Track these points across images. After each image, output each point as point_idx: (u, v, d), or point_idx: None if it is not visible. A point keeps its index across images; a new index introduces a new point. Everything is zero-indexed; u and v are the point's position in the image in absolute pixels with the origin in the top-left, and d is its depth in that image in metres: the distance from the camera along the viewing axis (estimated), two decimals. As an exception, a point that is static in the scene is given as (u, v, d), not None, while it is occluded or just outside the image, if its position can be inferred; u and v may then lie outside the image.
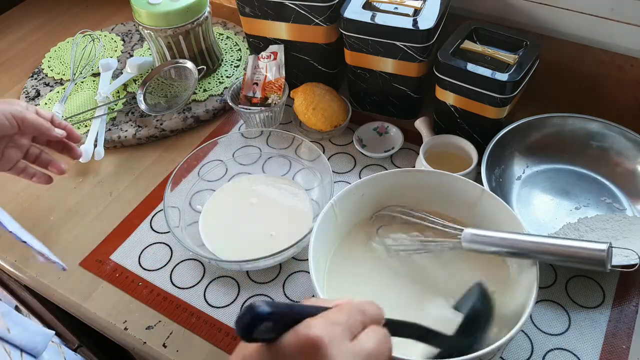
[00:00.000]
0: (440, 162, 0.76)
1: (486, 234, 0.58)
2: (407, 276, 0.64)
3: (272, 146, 0.82)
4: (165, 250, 0.75)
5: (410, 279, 0.64)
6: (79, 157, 0.78)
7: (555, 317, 0.64)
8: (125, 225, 0.78)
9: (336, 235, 0.66)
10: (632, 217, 0.71)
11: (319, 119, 0.84)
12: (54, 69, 1.04)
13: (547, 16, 0.82)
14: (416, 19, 0.77)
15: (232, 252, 0.71)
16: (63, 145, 0.75)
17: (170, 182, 0.73)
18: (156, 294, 0.70)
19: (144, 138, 0.90)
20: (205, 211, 0.77)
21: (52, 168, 0.75)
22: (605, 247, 0.52)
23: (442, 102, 0.79)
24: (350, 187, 0.64)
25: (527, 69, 0.73)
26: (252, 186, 0.80)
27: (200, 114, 0.92)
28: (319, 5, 0.80)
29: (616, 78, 0.81)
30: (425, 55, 0.78)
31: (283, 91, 0.87)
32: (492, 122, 0.76)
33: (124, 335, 0.67)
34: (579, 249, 0.53)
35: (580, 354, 0.61)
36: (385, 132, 0.86)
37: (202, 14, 0.92)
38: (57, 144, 0.75)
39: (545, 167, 0.79)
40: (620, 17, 0.77)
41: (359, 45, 0.80)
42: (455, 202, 0.66)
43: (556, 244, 0.54)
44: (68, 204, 0.82)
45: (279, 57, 0.88)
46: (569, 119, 0.78)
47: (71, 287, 0.72)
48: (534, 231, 0.71)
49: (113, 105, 0.94)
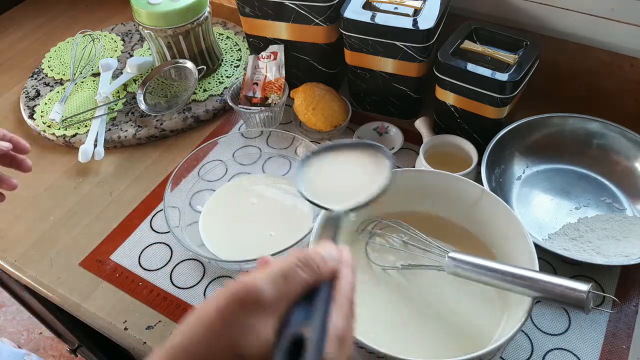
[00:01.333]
0: (440, 162, 0.76)
1: (467, 261, 0.56)
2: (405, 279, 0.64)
3: (272, 146, 0.82)
4: (165, 250, 0.75)
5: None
6: (29, 170, 0.70)
7: (555, 317, 0.64)
8: (125, 225, 0.78)
9: (336, 235, 0.66)
10: (632, 217, 0.71)
11: (319, 119, 0.84)
12: (54, 69, 1.04)
13: (547, 16, 0.82)
14: (416, 19, 0.77)
15: (232, 252, 0.71)
16: (11, 158, 0.68)
17: (170, 182, 0.73)
18: (156, 294, 0.70)
19: (144, 138, 0.90)
20: (205, 211, 0.77)
21: (1, 184, 0.67)
22: (586, 288, 0.49)
23: (442, 102, 0.79)
24: (350, 187, 0.64)
25: (527, 69, 0.73)
26: (252, 186, 0.80)
27: (200, 114, 0.92)
28: (319, 5, 0.80)
29: (616, 78, 0.81)
30: (425, 55, 0.78)
31: (283, 91, 0.87)
32: (492, 122, 0.76)
33: (124, 335, 0.67)
34: (557, 287, 0.50)
35: (580, 354, 0.61)
36: (385, 132, 0.86)
37: (202, 14, 0.92)
38: (3, 157, 0.67)
39: (545, 167, 0.79)
40: (620, 17, 0.77)
41: (359, 45, 0.80)
42: (455, 202, 0.66)
43: (536, 278, 0.52)
44: (68, 204, 0.82)
45: (279, 57, 0.88)
46: (569, 119, 0.78)
47: (71, 287, 0.72)
48: (534, 231, 0.71)
49: (113, 105, 0.94)
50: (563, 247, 0.68)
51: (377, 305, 0.62)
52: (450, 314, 0.61)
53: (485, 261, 0.56)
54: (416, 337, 0.59)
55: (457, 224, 0.68)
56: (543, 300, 0.52)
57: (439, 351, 0.58)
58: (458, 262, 0.57)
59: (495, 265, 0.55)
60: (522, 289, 0.53)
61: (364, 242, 0.68)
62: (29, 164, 0.70)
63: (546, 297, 0.52)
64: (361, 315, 0.61)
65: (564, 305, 0.51)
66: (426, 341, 0.59)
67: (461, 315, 0.61)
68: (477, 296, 0.62)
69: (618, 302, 0.65)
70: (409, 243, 0.66)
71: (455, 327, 0.60)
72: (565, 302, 0.51)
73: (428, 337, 0.59)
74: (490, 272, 0.55)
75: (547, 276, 0.52)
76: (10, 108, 1.00)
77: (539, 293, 0.52)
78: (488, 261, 0.56)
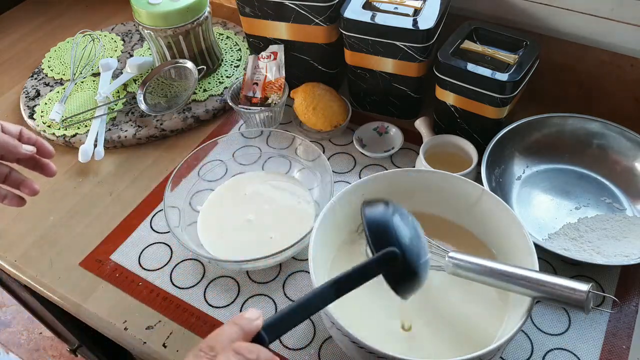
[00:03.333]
0: (440, 162, 0.76)
1: (468, 260, 0.56)
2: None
3: (272, 146, 0.82)
4: (165, 250, 0.75)
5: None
6: (53, 174, 0.68)
7: (555, 317, 0.64)
8: (125, 225, 0.78)
9: (337, 235, 0.67)
10: (632, 217, 0.71)
11: (319, 119, 0.84)
12: (54, 69, 1.04)
13: (547, 16, 0.82)
14: (416, 19, 0.77)
15: (232, 252, 0.71)
16: (35, 161, 0.66)
17: (170, 182, 0.73)
18: (156, 294, 0.70)
19: (144, 138, 0.90)
20: (204, 211, 0.77)
21: (23, 188, 0.65)
22: (586, 288, 0.50)
23: (442, 102, 0.79)
24: (350, 187, 0.64)
25: (527, 69, 0.73)
26: (252, 185, 0.80)
27: (200, 114, 0.92)
28: (319, 5, 0.80)
29: (616, 78, 0.81)
30: (425, 55, 0.78)
31: (283, 91, 0.87)
32: (492, 122, 0.76)
33: (124, 335, 0.67)
34: (557, 287, 0.51)
35: (580, 354, 0.61)
36: (385, 132, 0.86)
37: (202, 14, 0.92)
38: (28, 161, 0.66)
39: (545, 167, 0.79)
40: (620, 17, 0.77)
41: (359, 45, 0.80)
42: (455, 202, 0.66)
43: (536, 278, 0.52)
44: (68, 204, 0.82)
45: (279, 57, 0.88)
46: (569, 119, 0.78)
47: (71, 287, 0.72)
48: (534, 231, 0.71)
49: (113, 105, 0.94)
50: (563, 247, 0.68)
51: (377, 306, 0.62)
52: (450, 314, 0.61)
53: (486, 261, 0.56)
54: (416, 337, 0.59)
55: (457, 224, 0.68)
56: (543, 300, 0.52)
57: (439, 351, 0.58)
58: (458, 262, 0.57)
59: (495, 265, 0.55)
60: (522, 289, 0.53)
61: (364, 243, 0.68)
62: (53, 169, 0.68)
63: (546, 297, 0.52)
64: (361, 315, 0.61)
65: (564, 305, 0.51)
66: (426, 341, 0.59)
67: (461, 316, 0.61)
68: (477, 296, 0.62)
69: (618, 302, 0.65)
70: None
71: (455, 327, 0.60)
72: (565, 303, 0.51)
73: (428, 338, 0.59)
74: (491, 272, 0.55)
75: (548, 276, 0.52)
76: (10, 108, 1.00)
77: (539, 293, 0.52)
78: (488, 261, 0.56)
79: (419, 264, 0.48)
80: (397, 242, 0.47)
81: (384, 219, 0.48)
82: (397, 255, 0.46)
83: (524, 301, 0.54)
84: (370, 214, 0.49)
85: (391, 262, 0.46)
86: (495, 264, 0.55)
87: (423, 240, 0.50)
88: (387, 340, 0.58)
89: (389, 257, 0.46)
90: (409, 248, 0.47)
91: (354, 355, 0.55)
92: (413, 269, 0.47)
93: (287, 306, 0.44)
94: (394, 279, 0.48)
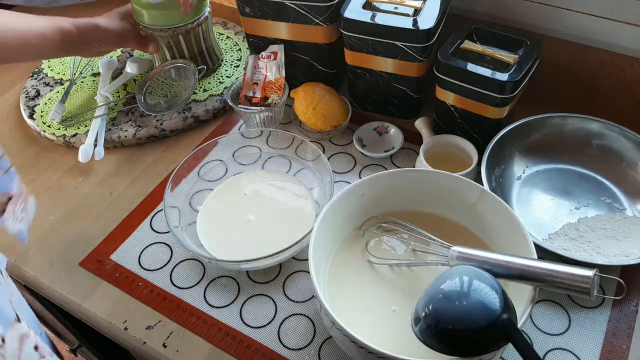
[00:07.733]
0: (440, 162, 0.76)
1: (471, 254, 0.57)
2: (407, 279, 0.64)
3: (272, 146, 0.82)
4: (165, 250, 0.75)
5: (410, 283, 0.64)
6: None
7: (555, 317, 0.64)
8: (125, 225, 0.78)
9: (337, 235, 0.67)
10: (632, 217, 0.71)
11: (319, 119, 0.84)
12: (54, 68, 1.04)
13: (547, 16, 0.82)
14: (416, 19, 0.77)
15: (232, 252, 0.71)
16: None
17: (170, 182, 0.73)
18: (156, 294, 0.70)
19: (144, 138, 0.90)
20: (204, 211, 0.76)
21: None
22: (591, 273, 0.50)
23: (442, 102, 0.79)
24: (350, 187, 0.64)
25: (527, 69, 0.73)
26: (252, 185, 0.80)
27: (200, 114, 0.92)
28: (319, 5, 0.80)
29: (616, 78, 0.81)
30: (425, 55, 0.78)
31: (283, 91, 0.87)
32: (492, 122, 0.76)
33: (124, 335, 0.67)
34: (562, 274, 0.52)
35: (580, 354, 0.61)
36: (385, 132, 0.86)
37: (202, 14, 0.92)
38: None
39: (545, 167, 0.79)
40: (620, 17, 0.77)
41: (359, 45, 0.80)
42: (455, 202, 0.66)
43: (540, 267, 0.53)
44: (68, 204, 0.82)
45: (279, 57, 0.88)
46: (569, 119, 0.78)
47: (71, 287, 0.72)
48: (534, 231, 0.71)
49: (113, 105, 0.94)
50: (563, 247, 0.68)
51: (378, 305, 0.62)
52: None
53: (489, 253, 0.56)
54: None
55: (457, 224, 0.68)
56: (550, 289, 0.53)
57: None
58: (462, 254, 0.57)
59: (499, 256, 0.55)
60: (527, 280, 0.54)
61: (365, 241, 0.68)
62: None
63: (552, 286, 0.52)
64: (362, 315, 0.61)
65: (570, 292, 0.52)
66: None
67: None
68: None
69: (624, 285, 0.65)
70: (410, 241, 0.66)
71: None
72: (571, 289, 0.51)
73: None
74: (495, 263, 0.55)
75: (552, 264, 0.53)
76: (10, 108, 1.00)
77: (544, 282, 0.52)
78: (492, 253, 0.56)
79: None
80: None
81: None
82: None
83: (523, 301, 0.54)
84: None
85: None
86: (499, 255, 0.56)
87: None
88: (387, 340, 0.58)
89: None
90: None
91: (354, 355, 0.55)
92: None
93: None
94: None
